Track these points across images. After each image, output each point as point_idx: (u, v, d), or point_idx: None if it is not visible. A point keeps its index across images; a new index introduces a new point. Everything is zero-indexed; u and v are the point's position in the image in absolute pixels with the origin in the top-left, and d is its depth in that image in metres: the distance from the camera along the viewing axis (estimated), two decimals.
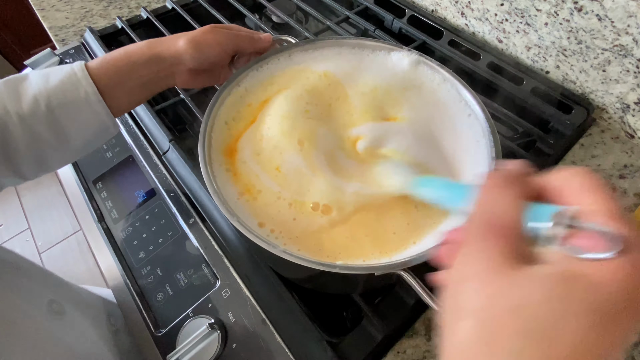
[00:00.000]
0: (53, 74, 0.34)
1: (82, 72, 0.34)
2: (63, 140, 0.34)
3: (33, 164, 0.34)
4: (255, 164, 0.32)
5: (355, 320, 0.40)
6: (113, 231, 0.46)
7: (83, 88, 0.33)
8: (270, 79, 0.38)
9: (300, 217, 0.30)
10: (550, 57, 0.55)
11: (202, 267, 0.41)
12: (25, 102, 0.32)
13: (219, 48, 0.38)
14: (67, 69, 0.34)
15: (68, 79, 0.33)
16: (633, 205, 0.45)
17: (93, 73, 0.34)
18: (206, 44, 0.37)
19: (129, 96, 0.37)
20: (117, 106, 0.36)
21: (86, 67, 0.34)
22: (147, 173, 0.49)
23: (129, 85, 0.36)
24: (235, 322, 0.37)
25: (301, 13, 0.72)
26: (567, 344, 0.13)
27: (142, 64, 0.36)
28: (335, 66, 0.38)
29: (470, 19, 0.62)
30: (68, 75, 0.34)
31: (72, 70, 0.34)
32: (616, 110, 0.52)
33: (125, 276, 0.42)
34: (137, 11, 0.71)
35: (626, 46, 0.46)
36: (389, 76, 0.38)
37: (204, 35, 0.38)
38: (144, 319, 0.39)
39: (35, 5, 0.73)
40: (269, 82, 0.38)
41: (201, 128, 0.32)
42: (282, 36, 0.43)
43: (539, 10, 0.52)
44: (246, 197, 0.31)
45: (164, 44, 0.37)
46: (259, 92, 0.37)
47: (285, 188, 0.31)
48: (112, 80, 0.35)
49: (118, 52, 0.36)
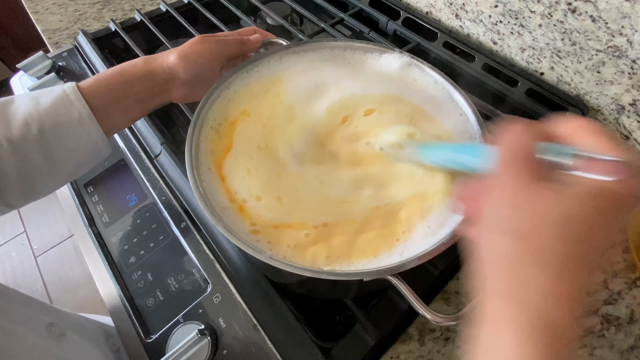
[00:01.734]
0: (43, 96, 0.33)
1: (75, 93, 0.33)
2: (53, 165, 0.33)
3: (21, 192, 0.33)
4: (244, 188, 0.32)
5: (347, 325, 0.40)
6: (104, 235, 0.45)
7: (76, 109, 0.32)
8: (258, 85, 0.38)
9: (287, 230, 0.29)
10: (544, 59, 0.54)
11: (194, 272, 0.41)
12: (15, 126, 0.31)
13: (209, 56, 0.38)
14: (57, 90, 0.33)
15: (60, 101, 0.32)
16: None
17: (85, 93, 0.33)
18: (197, 54, 0.37)
19: (124, 114, 0.36)
20: (110, 125, 0.35)
21: (78, 88, 0.33)
22: (139, 177, 0.48)
23: (124, 104, 0.36)
24: (226, 327, 0.37)
25: (296, 15, 0.72)
26: (602, 243, 0.17)
27: (136, 80, 0.36)
28: (324, 70, 0.38)
29: (464, 21, 0.61)
30: (60, 97, 0.33)
31: (64, 91, 0.33)
32: (611, 111, 0.52)
33: (115, 281, 0.42)
34: (131, 14, 0.71)
35: (620, 47, 0.46)
36: (379, 79, 0.37)
37: (193, 46, 0.38)
38: (133, 324, 0.39)
39: (30, 9, 0.73)
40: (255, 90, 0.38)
41: (188, 131, 0.32)
42: (273, 39, 0.43)
43: (532, 11, 0.52)
44: (236, 203, 0.30)
45: (157, 60, 0.37)
46: (244, 99, 0.37)
47: (276, 212, 0.30)
48: (105, 99, 0.34)
49: (112, 71, 0.36)
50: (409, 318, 0.38)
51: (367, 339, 0.35)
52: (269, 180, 0.31)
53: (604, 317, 0.38)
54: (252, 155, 0.32)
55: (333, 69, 0.38)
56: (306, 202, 0.30)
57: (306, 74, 0.38)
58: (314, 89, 0.37)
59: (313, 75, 0.37)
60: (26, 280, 1.34)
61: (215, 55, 0.38)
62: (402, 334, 0.37)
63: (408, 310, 0.37)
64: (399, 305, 0.37)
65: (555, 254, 0.17)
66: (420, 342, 0.37)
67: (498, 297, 0.18)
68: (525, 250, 0.17)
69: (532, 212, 0.17)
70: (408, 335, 0.37)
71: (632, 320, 0.37)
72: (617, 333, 0.37)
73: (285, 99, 0.36)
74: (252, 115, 0.35)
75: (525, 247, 0.17)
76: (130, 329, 0.39)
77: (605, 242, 0.17)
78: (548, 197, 0.17)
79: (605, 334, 0.37)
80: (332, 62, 0.39)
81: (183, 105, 0.51)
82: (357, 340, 0.35)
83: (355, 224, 0.29)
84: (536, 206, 0.17)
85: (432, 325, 0.38)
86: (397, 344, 0.37)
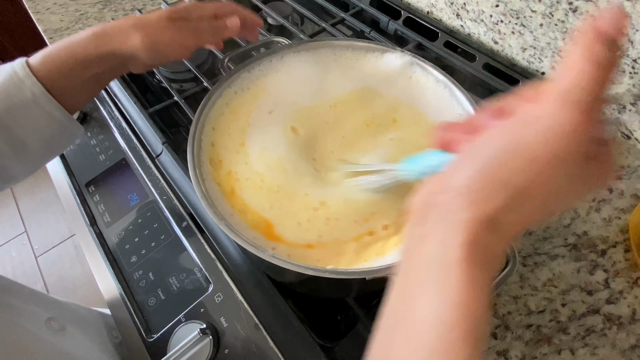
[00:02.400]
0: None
1: (24, 69, 0.30)
2: (20, 147, 0.31)
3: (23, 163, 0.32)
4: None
5: (349, 324, 0.40)
6: (105, 235, 0.45)
7: (28, 88, 0.30)
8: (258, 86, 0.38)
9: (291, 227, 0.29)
10: (545, 58, 0.54)
11: (195, 271, 0.41)
12: None
13: (179, 48, 0.35)
14: (7, 69, 0.31)
15: (10, 81, 0.30)
16: (630, 206, 0.45)
17: (37, 70, 0.31)
18: (164, 43, 0.34)
19: (80, 90, 0.34)
20: (69, 102, 0.33)
21: (28, 65, 0.31)
22: (140, 176, 0.48)
23: (79, 79, 0.33)
24: (227, 327, 0.37)
25: (297, 15, 0.72)
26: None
27: (90, 63, 0.33)
28: (325, 69, 0.38)
29: (465, 21, 0.61)
30: (9, 76, 0.30)
31: (13, 69, 0.31)
32: (612, 110, 0.52)
33: (117, 280, 0.42)
34: (132, 14, 0.71)
35: (621, 47, 0.46)
36: (381, 78, 0.37)
37: (161, 33, 0.34)
38: (135, 324, 0.39)
39: (30, 8, 0.73)
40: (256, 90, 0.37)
41: (190, 130, 0.32)
42: (274, 37, 0.43)
43: (534, 11, 0.52)
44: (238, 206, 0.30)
45: (114, 39, 0.33)
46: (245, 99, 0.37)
47: (275, 207, 0.30)
48: (59, 75, 0.32)
49: (59, 50, 0.32)
50: None
51: (369, 339, 0.35)
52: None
53: (606, 316, 0.38)
54: None
55: (334, 68, 0.38)
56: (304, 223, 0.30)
57: (308, 72, 0.38)
58: (315, 87, 0.37)
59: (314, 74, 0.37)
60: (27, 281, 1.34)
61: (185, 44, 0.35)
62: None
63: None
64: None
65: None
66: None
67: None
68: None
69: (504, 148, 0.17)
70: None
71: (634, 320, 0.37)
72: (618, 332, 0.37)
73: (285, 99, 0.36)
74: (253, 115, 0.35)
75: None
76: (131, 328, 0.39)
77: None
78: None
79: (607, 333, 0.37)
80: (332, 60, 0.39)
81: (184, 105, 0.51)
82: (359, 340, 0.35)
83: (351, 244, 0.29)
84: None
85: None
86: None
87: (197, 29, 0.35)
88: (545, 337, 0.37)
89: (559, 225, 0.43)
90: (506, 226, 0.17)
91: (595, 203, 0.45)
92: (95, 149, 0.52)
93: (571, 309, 0.38)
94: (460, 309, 0.15)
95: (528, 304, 0.38)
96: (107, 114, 0.55)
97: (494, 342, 0.36)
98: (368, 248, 0.29)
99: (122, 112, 0.54)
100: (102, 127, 0.54)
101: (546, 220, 0.17)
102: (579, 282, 0.40)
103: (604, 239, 0.42)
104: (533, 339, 0.36)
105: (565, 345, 0.36)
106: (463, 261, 0.16)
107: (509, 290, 0.39)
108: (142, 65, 0.36)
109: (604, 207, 0.45)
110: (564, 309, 0.38)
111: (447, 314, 0.15)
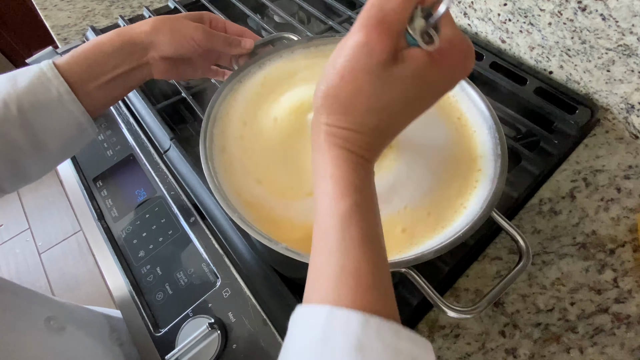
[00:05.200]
0: (20, 75, 0.32)
1: (52, 70, 0.32)
2: (39, 146, 0.32)
3: (10, 175, 0.32)
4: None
5: None
6: (113, 230, 0.45)
7: (54, 87, 0.32)
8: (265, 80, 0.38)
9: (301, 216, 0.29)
10: (553, 57, 0.54)
11: (203, 266, 0.41)
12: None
13: (192, 42, 0.36)
14: (34, 69, 0.32)
15: (37, 79, 0.32)
16: (638, 205, 0.45)
17: (63, 69, 0.32)
18: (180, 33, 0.36)
19: (105, 91, 0.35)
20: (92, 104, 0.34)
21: (55, 65, 0.33)
22: (148, 171, 0.48)
23: (103, 79, 0.34)
24: (235, 322, 0.37)
25: (303, 13, 0.72)
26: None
27: (114, 52, 0.34)
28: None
29: (473, 19, 0.61)
30: (37, 75, 0.32)
31: (41, 70, 0.32)
32: (620, 110, 0.51)
33: (124, 275, 0.42)
34: (139, 11, 0.71)
35: (631, 46, 0.46)
36: None
37: (176, 22, 0.36)
38: (143, 318, 0.39)
39: (38, 5, 0.74)
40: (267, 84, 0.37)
41: (202, 124, 0.32)
42: (284, 33, 0.43)
43: (542, 10, 0.51)
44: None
45: (134, 29, 0.35)
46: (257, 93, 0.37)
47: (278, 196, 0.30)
48: (84, 75, 0.33)
49: (87, 45, 0.34)
50: (419, 314, 0.38)
51: None
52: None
53: (615, 315, 0.37)
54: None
55: None
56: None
57: (319, 67, 0.38)
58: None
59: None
60: (30, 277, 1.34)
61: (198, 42, 0.36)
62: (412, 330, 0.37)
63: (418, 306, 0.37)
64: (408, 301, 0.37)
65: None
66: (430, 339, 0.37)
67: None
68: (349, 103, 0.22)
69: (370, 102, 0.21)
70: (418, 331, 0.37)
71: None
72: (627, 331, 0.37)
73: (295, 95, 0.36)
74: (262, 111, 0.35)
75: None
76: (139, 322, 0.39)
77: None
78: (385, 88, 0.21)
79: (616, 332, 0.37)
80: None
81: (192, 101, 0.51)
82: None
83: None
84: (374, 96, 0.21)
85: (441, 322, 0.37)
86: None
87: (211, 35, 0.37)
88: (554, 335, 0.36)
89: (568, 224, 0.43)
90: (360, 125, 0.22)
91: (603, 202, 0.45)
92: (103, 144, 0.52)
93: (580, 307, 0.38)
94: (331, 180, 0.21)
95: (537, 302, 0.38)
96: (115, 110, 0.55)
97: (502, 340, 0.36)
98: None
99: (129, 108, 0.54)
100: (110, 123, 0.54)
101: (408, 121, 0.23)
102: (587, 281, 0.39)
103: (613, 238, 0.42)
104: (542, 337, 0.36)
105: (574, 344, 0.36)
106: (325, 146, 0.22)
107: (517, 289, 0.39)
108: (160, 59, 0.36)
109: (613, 207, 0.45)
110: (573, 308, 0.38)
111: (325, 185, 0.21)
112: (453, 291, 0.39)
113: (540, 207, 0.45)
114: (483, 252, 0.42)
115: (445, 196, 0.31)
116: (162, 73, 0.37)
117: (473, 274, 0.40)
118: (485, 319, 0.37)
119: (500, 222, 0.28)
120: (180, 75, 0.40)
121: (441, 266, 0.38)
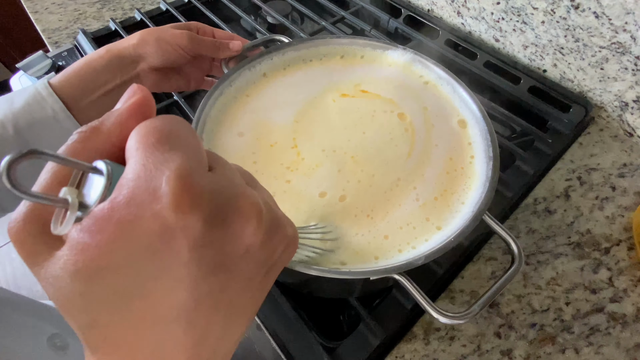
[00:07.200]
0: (17, 96, 0.33)
1: (46, 89, 0.33)
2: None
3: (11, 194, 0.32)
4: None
5: (352, 324, 0.40)
6: None
7: (49, 105, 0.32)
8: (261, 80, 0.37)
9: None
10: (547, 56, 0.54)
11: None
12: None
13: (178, 49, 0.37)
14: (30, 89, 0.33)
15: (33, 99, 0.32)
16: (633, 204, 0.44)
17: (57, 88, 0.33)
18: (165, 42, 0.36)
19: (98, 106, 0.36)
20: (86, 119, 0.35)
21: (50, 85, 0.33)
22: None
23: (96, 95, 0.35)
24: None
25: (296, 14, 0.71)
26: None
27: (104, 68, 0.35)
28: (327, 68, 0.38)
29: (466, 18, 0.61)
30: (32, 95, 0.33)
31: (36, 89, 0.33)
32: (614, 108, 0.51)
33: None
34: (130, 13, 0.70)
35: (624, 43, 0.46)
36: (383, 75, 0.37)
37: (162, 32, 0.37)
38: None
39: (29, 8, 0.73)
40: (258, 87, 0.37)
41: (192, 127, 0.32)
42: (275, 36, 0.42)
43: (535, 8, 0.51)
44: None
45: (122, 43, 0.36)
46: (247, 96, 0.36)
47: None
48: (77, 92, 0.34)
49: (79, 62, 0.36)
50: (414, 317, 0.38)
51: (372, 338, 0.35)
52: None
53: (610, 315, 0.37)
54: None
55: (335, 67, 0.38)
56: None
57: (309, 71, 0.37)
58: (316, 83, 0.36)
59: (316, 73, 0.37)
60: (26, 282, 1.33)
61: (184, 48, 0.37)
62: (407, 333, 0.37)
63: (413, 309, 0.36)
64: (403, 304, 0.37)
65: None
66: (425, 341, 0.36)
67: None
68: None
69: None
70: (413, 334, 0.37)
71: (638, 318, 0.37)
72: (623, 331, 0.36)
73: (287, 98, 0.36)
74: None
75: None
76: None
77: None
78: (49, 283, 0.14)
79: (611, 331, 0.36)
80: (333, 59, 0.39)
81: (184, 105, 0.51)
82: (361, 340, 0.35)
83: None
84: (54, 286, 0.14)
85: (437, 324, 0.37)
86: (401, 343, 0.36)
87: (198, 40, 0.38)
88: (549, 336, 0.36)
89: (562, 223, 0.43)
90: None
91: (598, 201, 0.45)
92: None
93: (575, 307, 0.38)
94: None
95: (532, 303, 0.38)
96: None
97: (498, 341, 0.36)
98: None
99: None
100: None
101: None
102: (582, 280, 0.39)
103: (608, 237, 0.42)
104: (537, 338, 0.36)
105: (569, 344, 0.36)
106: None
107: (512, 290, 0.39)
108: (149, 70, 0.37)
109: (607, 205, 0.45)
110: (568, 308, 0.38)
111: None
112: (448, 293, 0.39)
113: (534, 207, 0.45)
114: (478, 253, 0.41)
115: (443, 197, 0.30)
116: (153, 85, 0.38)
117: (468, 275, 0.40)
118: (480, 320, 0.37)
119: (492, 225, 0.28)
120: (172, 86, 0.40)
121: (435, 269, 0.38)
